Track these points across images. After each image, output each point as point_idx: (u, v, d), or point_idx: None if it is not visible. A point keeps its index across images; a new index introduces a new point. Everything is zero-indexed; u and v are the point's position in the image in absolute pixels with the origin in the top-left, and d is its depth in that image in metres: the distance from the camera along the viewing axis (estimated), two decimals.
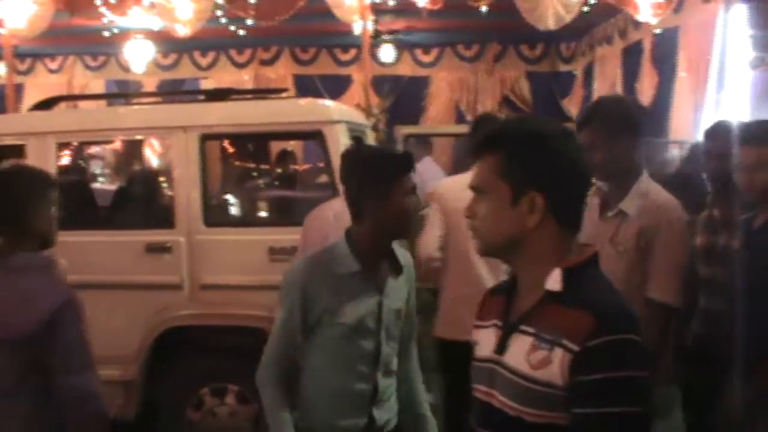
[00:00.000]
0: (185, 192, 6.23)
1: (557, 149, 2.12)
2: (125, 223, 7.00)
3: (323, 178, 7.35)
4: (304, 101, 7.00)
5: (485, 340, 2.25)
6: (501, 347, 2.16)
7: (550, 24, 11.46)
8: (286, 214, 7.90)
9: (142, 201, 7.42)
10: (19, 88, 15.10)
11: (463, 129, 13.26)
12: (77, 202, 7.15)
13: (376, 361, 3.46)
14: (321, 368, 3.45)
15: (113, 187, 10.14)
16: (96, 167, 11.83)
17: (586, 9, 11.16)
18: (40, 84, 16.18)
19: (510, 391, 2.09)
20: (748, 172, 4.09)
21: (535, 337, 2.06)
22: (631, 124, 4.00)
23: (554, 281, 2.08)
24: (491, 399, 2.16)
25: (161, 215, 6.65)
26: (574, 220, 2.18)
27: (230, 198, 7.97)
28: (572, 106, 14.60)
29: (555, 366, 1.99)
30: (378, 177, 3.33)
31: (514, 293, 2.23)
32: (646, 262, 3.88)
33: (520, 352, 2.09)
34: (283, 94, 8.74)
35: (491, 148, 2.16)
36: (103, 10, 12.70)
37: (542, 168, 2.10)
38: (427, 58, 15.60)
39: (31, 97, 15.39)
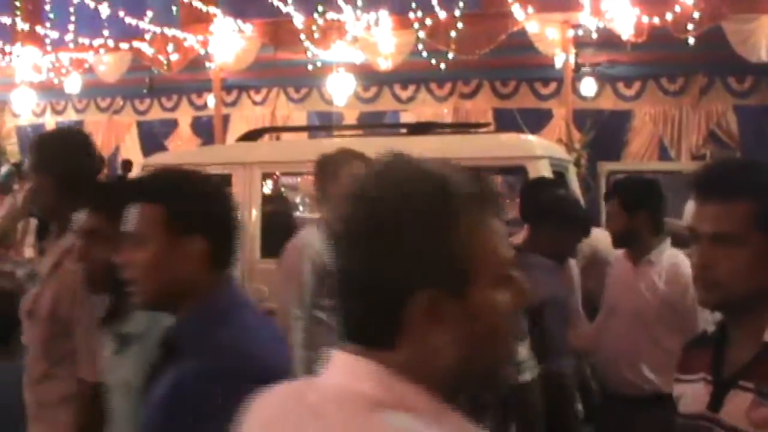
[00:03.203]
0: None
1: None
2: None
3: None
4: (507, 136, 6.93)
5: (693, 396, 2.11)
6: (716, 404, 2.02)
7: (763, 55, 10.97)
8: None
9: None
10: (225, 119, 15.80)
11: (672, 166, 12.89)
12: (280, 230, 7.33)
13: None
14: None
15: (313, 216, 10.37)
16: (297, 196, 12.17)
17: None
18: (245, 115, 16.82)
19: None
20: None
21: (757, 393, 1.92)
22: None
23: None
24: None
25: None
26: None
27: None
28: None
29: None
30: None
31: (724, 345, 2.08)
32: None
33: (739, 410, 1.95)
34: (484, 129, 8.70)
35: (740, 195, 2.01)
36: (307, 44, 13.12)
37: None
38: (629, 92, 15.15)
39: (236, 128, 16.08)
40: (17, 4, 17.51)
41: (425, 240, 1.25)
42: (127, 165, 16.10)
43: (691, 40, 11.54)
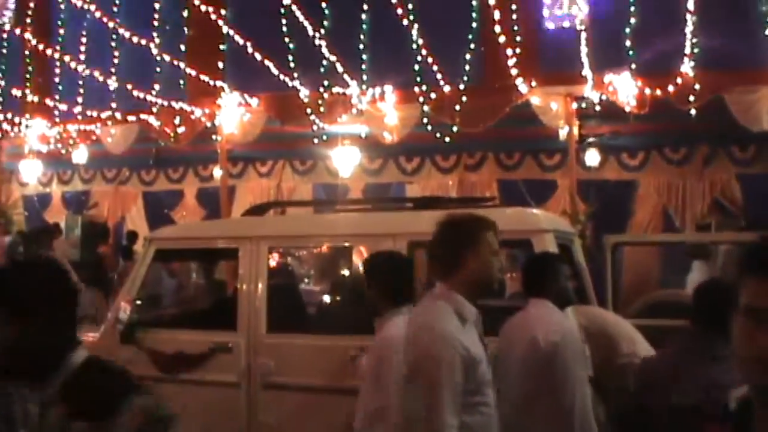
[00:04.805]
0: None
1: None
2: (332, 328, 7.08)
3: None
4: (512, 210, 6.94)
5: None
6: None
7: (765, 125, 11.04)
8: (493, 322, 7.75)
9: (348, 307, 7.52)
10: (231, 190, 15.85)
11: (676, 237, 12.88)
12: (287, 304, 7.33)
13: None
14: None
15: (317, 288, 10.37)
16: (302, 269, 12.16)
17: None
18: (250, 187, 16.89)
19: None
20: None
21: None
22: None
23: None
24: None
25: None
26: None
27: None
28: None
29: None
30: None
31: (746, 420, 2.07)
32: None
33: None
34: (490, 203, 8.73)
35: None
36: (312, 117, 13.25)
37: None
38: (633, 162, 15.20)
39: (242, 199, 16.16)
40: (28, 77, 17.79)
41: None
42: (133, 236, 16.16)
43: (693, 111, 11.63)
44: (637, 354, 5.57)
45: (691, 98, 11.52)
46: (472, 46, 14.03)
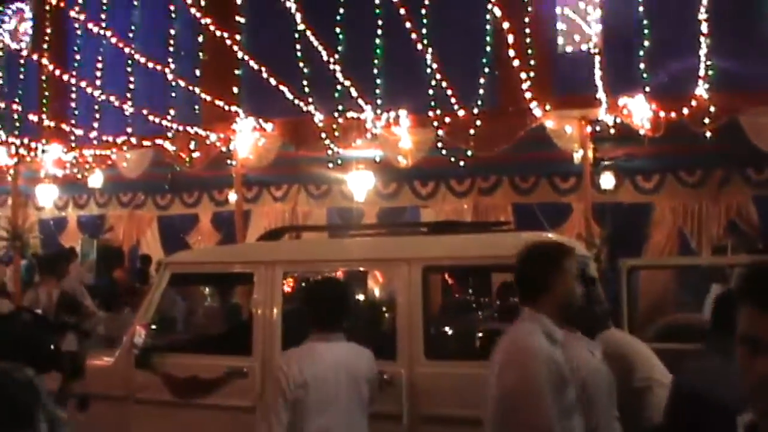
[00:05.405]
0: (407, 323, 6.25)
1: None
2: None
3: None
4: (526, 235, 6.91)
5: None
6: None
7: None
8: None
9: (365, 331, 7.50)
10: (246, 215, 15.87)
11: (692, 260, 12.81)
12: (302, 329, 7.31)
13: None
14: None
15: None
16: None
17: None
18: (265, 211, 16.94)
19: None
20: None
21: None
22: None
23: None
24: None
25: (386, 346, 6.67)
26: None
27: (450, 330, 7.92)
28: None
29: None
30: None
31: None
32: None
33: None
34: (505, 227, 8.72)
35: None
36: (327, 142, 13.27)
37: None
38: (648, 185, 15.14)
39: (257, 223, 16.20)
40: (45, 102, 17.93)
41: None
42: (146, 260, 16.21)
43: (708, 133, 11.59)
44: (653, 378, 5.52)
45: (706, 120, 11.47)
46: (486, 70, 14.08)
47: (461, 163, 13.12)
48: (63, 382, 6.49)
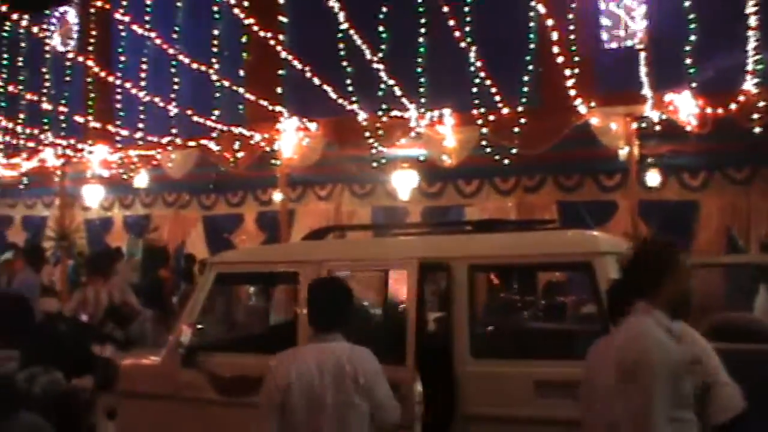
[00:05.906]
0: (455, 323, 6.23)
1: None
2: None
3: (590, 309, 7.12)
4: (572, 232, 6.85)
5: None
6: None
7: None
8: (553, 346, 7.66)
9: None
10: (290, 214, 15.91)
11: (740, 259, 12.61)
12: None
13: None
14: None
15: (377, 312, 10.33)
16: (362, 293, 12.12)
17: None
18: (309, 211, 16.94)
19: None
20: None
21: None
22: None
23: None
24: None
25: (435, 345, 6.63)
26: None
27: (496, 329, 7.86)
28: None
29: None
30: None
31: None
32: None
33: None
34: (550, 225, 8.65)
35: None
36: (371, 141, 13.27)
37: None
38: (695, 182, 14.90)
39: (301, 223, 16.22)
40: (90, 103, 18.13)
41: None
42: (191, 259, 16.32)
43: (757, 129, 11.42)
44: (719, 375, 5.45)
45: (755, 116, 11.32)
46: (530, 67, 14.00)
47: (505, 161, 13.04)
48: (94, 388, 6.53)
